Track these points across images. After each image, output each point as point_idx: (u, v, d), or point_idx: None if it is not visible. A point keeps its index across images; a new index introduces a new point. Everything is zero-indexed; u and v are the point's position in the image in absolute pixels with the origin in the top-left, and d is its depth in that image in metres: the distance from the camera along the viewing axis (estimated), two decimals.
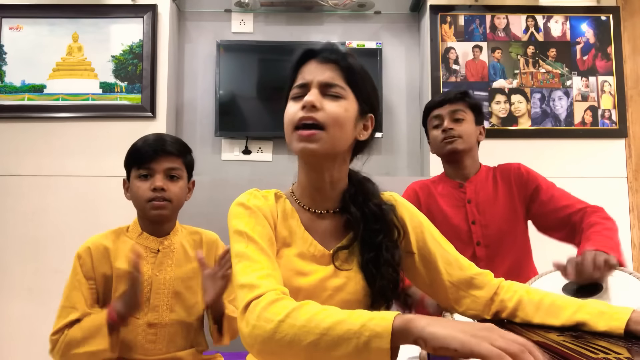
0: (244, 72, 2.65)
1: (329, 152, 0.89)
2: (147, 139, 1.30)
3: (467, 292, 0.94)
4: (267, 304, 0.72)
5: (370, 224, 0.93)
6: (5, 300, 2.38)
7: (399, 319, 0.63)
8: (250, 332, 0.71)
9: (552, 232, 1.51)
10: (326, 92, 0.88)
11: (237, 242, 0.85)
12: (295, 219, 0.94)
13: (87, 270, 1.25)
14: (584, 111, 2.55)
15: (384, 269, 0.90)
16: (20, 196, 2.42)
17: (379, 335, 0.62)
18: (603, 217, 1.37)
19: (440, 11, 2.58)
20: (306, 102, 0.86)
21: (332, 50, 0.92)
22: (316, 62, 0.91)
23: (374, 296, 0.90)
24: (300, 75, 0.91)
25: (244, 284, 0.77)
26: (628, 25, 2.61)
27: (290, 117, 0.89)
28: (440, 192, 1.59)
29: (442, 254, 0.96)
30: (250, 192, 0.94)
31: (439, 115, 1.57)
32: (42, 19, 2.52)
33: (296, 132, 0.87)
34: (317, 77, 0.89)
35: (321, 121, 0.86)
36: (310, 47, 0.93)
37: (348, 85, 0.90)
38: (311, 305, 0.71)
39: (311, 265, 0.90)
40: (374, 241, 0.91)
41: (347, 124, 0.89)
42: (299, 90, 0.90)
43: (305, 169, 0.94)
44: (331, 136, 0.87)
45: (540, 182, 1.53)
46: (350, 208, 0.94)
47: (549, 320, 0.86)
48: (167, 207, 1.28)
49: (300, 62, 0.93)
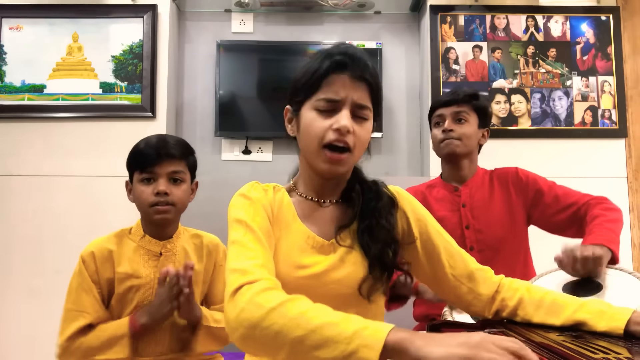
0: (244, 72, 2.65)
1: (349, 170, 0.94)
2: (150, 141, 1.28)
3: (468, 286, 0.95)
4: (260, 290, 0.71)
5: (366, 195, 0.95)
6: (5, 300, 2.38)
7: (393, 334, 0.62)
8: (237, 316, 0.70)
9: (563, 231, 1.49)
10: (356, 114, 0.89)
11: (235, 230, 0.85)
12: (291, 212, 0.94)
13: (91, 274, 1.24)
14: (584, 111, 2.55)
15: (378, 233, 0.91)
16: (20, 196, 2.42)
17: (368, 347, 0.61)
18: (605, 208, 1.37)
19: (440, 11, 2.58)
20: (342, 127, 0.86)
21: (362, 64, 0.89)
22: (348, 76, 0.88)
23: (371, 264, 0.90)
24: (330, 87, 0.88)
25: (236, 269, 0.77)
26: (628, 25, 2.61)
27: (319, 134, 0.87)
28: (435, 197, 1.58)
29: (445, 246, 0.97)
30: (252, 184, 0.95)
31: (441, 115, 1.55)
32: (42, 19, 2.52)
33: (324, 152, 0.88)
34: (351, 96, 0.88)
35: (351, 145, 0.87)
36: (337, 56, 0.89)
37: (372, 104, 0.91)
38: (305, 301, 0.70)
39: (310, 257, 0.90)
40: (368, 209, 0.93)
41: (367, 142, 0.92)
42: (328, 104, 0.88)
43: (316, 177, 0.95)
44: (355, 157, 0.91)
45: (541, 184, 1.50)
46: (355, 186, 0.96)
47: (549, 319, 0.86)
48: (171, 211, 1.27)
49: (330, 70, 0.89)
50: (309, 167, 0.95)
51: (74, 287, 1.24)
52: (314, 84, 0.89)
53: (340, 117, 0.87)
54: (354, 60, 0.89)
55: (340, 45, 0.92)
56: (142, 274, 1.26)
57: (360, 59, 0.90)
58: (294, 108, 0.94)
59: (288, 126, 0.97)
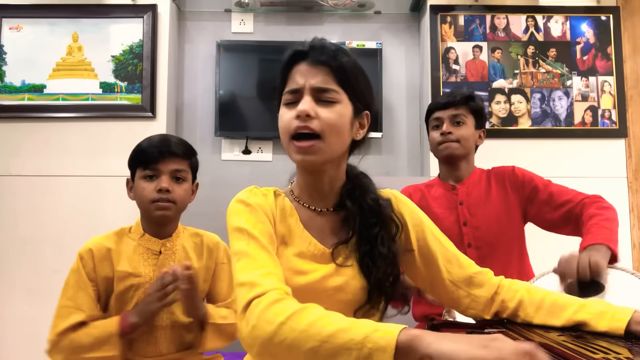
0: (244, 72, 2.65)
1: (327, 160, 0.89)
2: (153, 140, 1.30)
3: (466, 290, 0.94)
4: (268, 303, 0.70)
5: (367, 218, 0.92)
6: (5, 300, 2.38)
7: (404, 334, 0.61)
8: (249, 333, 0.70)
9: (558, 229, 1.50)
10: (319, 98, 0.86)
11: (237, 239, 0.83)
12: (294, 217, 0.92)
13: (88, 272, 1.24)
14: (584, 111, 2.55)
15: (380, 262, 0.89)
16: (20, 196, 2.42)
17: (382, 349, 0.61)
18: (601, 207, 1.37)
19: (440, 11, 2.58)
20: (300, 111, 0.84)
21: (322, 49, 0.88)
22: (306, 64, 0.88)
23: (371, 290, 0.88)
24: (291, 79, 0.89)
25: (244, 282, 0.76)
26: (628, 25, 2.61)
27: (285, 125, 0.87)
28: (433, 195, 1.60)
29: (443, 252, 0.96)
30: (250, 189, 0.92)
31: (439, 118, 1.57)
32: (42, 19, 2.52)
33: (293, 143, 0.86)
34: (309, 82, 0.86)
35: (317, 130, 0.84)
36: (299, 47, 0.89)
37: (341, 86, 0.87)
38: (314, 309, 0.69)
39: (310, 264, 0.89)
40: (370, 235, 0.91)
41: (344, 128, 0.88)
42: (291, 96, 0.88)
43: (304, 173, 0.94)
44: (328, 144, 0.86)
45: (537, 182, 1.52)
46: (346, 203, 0.93)
47: (550, 320, 0.86)
48: (171, 209, 1.28)
49: (290, 63, 0.89)
50: (300, 173, 0.94)
51: (70, 284, 1.24)
52: (281, 80, 0.91)
53: (300, 103, 0.85)
54: (314, 48, 0.88)
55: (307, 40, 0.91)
56: (141, 272, 1.26)
57: (322, 46, 0.88)
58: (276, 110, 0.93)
59: None
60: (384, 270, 0.89)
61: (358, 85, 0.90)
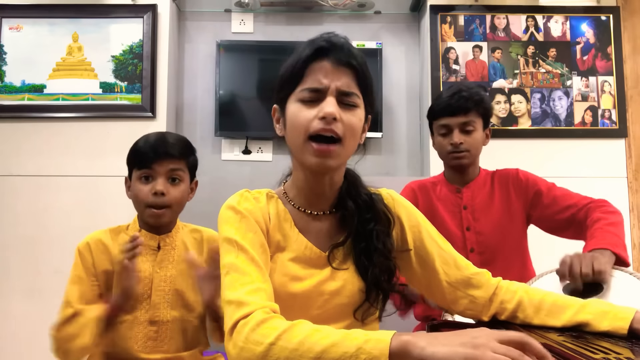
0: (244, 72, 2.65)
1: (341, 164, 0.88)
2: (149, 139, 1.28)
3: (464, 292, 0.93)
4: (255, 324, 0.69)
5: (362, 215, 0.91)
6: (5, 300, 2.38)
7: (396, 340, 0.61)
8: (238, 355, 0.68)
9: (560, 232, 1.49)
10: (342, 101, 0.84)
11: (227, 252, 0.82)
12: (288, 222, 0.91)
13: (88, 267, 1.24)
14: (584, 111, 2.54)
15: (375, 257, 0.88)
16: (20, 196, 2.42)
17: (376, 359, 0.61)
18: (607, 212, 1.36)
19: (440, 11, 2.58)
20: (327, 114, 0.81)
21: (348, 51, 0.85)
22: (330, 63, 0.84)
23: (369, 289, 0.87)
24: (312, 76, 0.84)
25: (231, 300, 0.74)
26: (628, 25, 2.61)
27: (303, 124, 0.83)
28: (438, 195, 1.58)
29: (440, 254, 0.95)
30: (241, 193, 0.90)
31: (448, 126, 1.51)
32: (42, 19, 2.52)
33: (311, 144, 0.83)
34: (335, 83, 0.83)
35: (340, 134, 0.82)
36: (322, 43, 0.85)
37: (361, 91, 0.86)
38: (303, 326, 0.68)
39: (307, 270, 0.88)
40: (365, 231, 0.90)
41: (359, 133, 0.87)
42: (312, 94, 0.84)
43: (307, 175, 0.90)
44: (346, 149, 0.85)
45: (541, 185, 1.50)
46: (347, 202, 0.92)
47: (550, 321, 0.85)
48: (166, 215, 1.27)
49: (311, 58, 0.85)
50: (300, 167, 0.90)
51: (70, 279, 1.24)
52: (297, 74, 0.85)
53: (325, 104, 0.82)
54: (336, 46, 0.85)
55: (323, 34, 0.88)
56: (140, 268, 1.26)
57: (344, 45, 0.86)
58: (280, 105, 0.90)
59: (277, 126, 0.92)
60: (380, 265, 0.88)
61: (372, 90, 0.90)
